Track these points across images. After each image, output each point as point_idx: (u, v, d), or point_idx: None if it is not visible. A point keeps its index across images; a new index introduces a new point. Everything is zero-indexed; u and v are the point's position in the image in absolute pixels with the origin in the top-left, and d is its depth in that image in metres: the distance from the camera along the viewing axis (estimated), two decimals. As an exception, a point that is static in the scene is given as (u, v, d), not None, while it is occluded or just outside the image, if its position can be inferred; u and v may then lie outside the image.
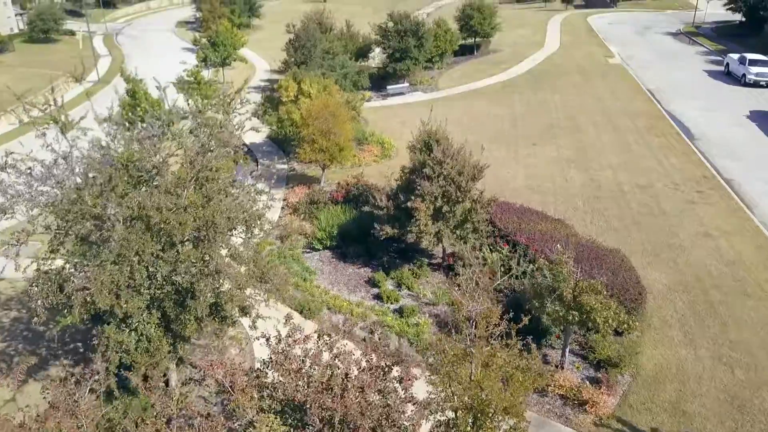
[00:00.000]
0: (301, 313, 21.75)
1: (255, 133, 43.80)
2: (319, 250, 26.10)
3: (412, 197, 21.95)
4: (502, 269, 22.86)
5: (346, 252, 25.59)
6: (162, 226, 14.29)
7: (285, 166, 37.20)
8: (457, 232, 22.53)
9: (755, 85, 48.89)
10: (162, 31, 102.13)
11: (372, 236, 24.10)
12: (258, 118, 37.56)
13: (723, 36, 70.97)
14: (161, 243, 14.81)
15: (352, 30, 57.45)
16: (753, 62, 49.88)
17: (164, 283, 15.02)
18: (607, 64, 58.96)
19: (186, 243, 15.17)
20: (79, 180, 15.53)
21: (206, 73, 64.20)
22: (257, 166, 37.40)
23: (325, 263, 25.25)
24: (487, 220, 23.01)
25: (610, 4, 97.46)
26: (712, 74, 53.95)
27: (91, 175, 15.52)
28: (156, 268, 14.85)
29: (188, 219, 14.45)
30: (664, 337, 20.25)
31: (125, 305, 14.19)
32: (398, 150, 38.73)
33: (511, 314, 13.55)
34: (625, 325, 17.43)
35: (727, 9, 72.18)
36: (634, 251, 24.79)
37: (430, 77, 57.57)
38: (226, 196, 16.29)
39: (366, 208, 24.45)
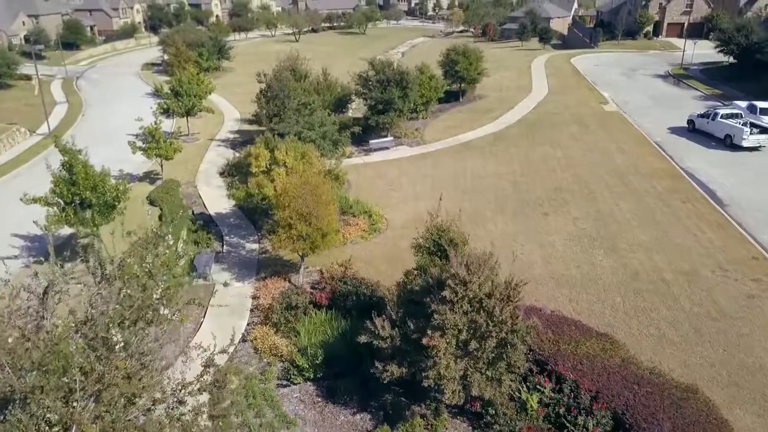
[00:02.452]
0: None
1: (221, 199, 37.72)
2: (298, 383, 19.79)
3: (428, 331, 15.95)
4: (549, 419, 16.92)
5: (335, 387, 19.30)
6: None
7: (255, 246, 30.95)
8: (488, 372, 16.54)
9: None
10: (126, 75, 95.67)
11: (370, 361, 17.98)
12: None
13: (714, 78, 67.31)
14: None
15: (329, 78, 51.87)
16: (765, 111, 45.48)
17: None
18: (602, 111, 54.29)
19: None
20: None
21: (169, 123, 58.13)
22: (222, 246, 31.12)
23: (308, 405, 18.83)
24: (526, 352, 17.06)
25: (590, 45, 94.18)
26: (716, 123, 49.53)
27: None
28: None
29: None
30: None
31: None
32: (388, 222, 32.87)
33: None
34: None
35: (719, 51, 68.69)
36: (706, 379, 19.03)
37: (415, 129, 52.19)
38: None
39: (363, 337, 18.02)
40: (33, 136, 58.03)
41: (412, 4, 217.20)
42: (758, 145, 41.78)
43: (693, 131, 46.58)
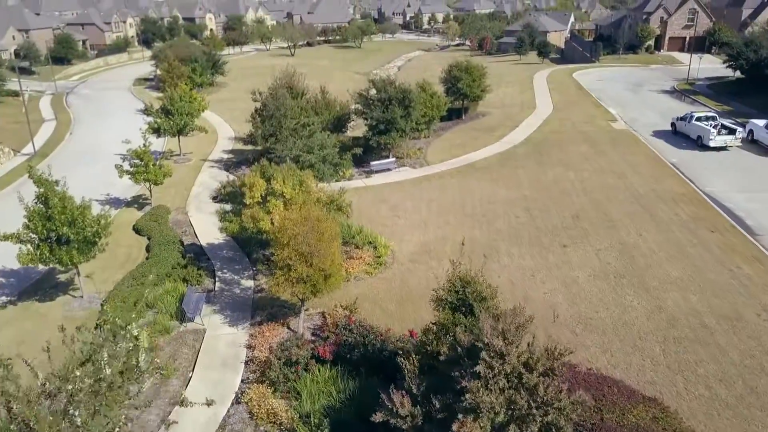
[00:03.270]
0: None
1: (213, 227, 34.95)
2: (302, 460, 17.01)
3: (459, 415, 13.23)
4: None
5: (344, 466, 16.51)
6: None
7: (250, 283, 28.17)
8: (529, 460, 13.82)
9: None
10: (118, 90, 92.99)
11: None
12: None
13: (721, 94, 65.13)
14: None
15: (327, 96, 49.30)
16: (785, 130, 43.36)
17: None
18: (612, 129, 51.89)
19: None
20: None
21: (161, 143, 55.39)
22: (214, 283, 28.32)
23: (313, 489, 16.08)
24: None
25: (591, 59, 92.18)
26: (732, 142, 47.25)
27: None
28: None
29: None
30: None
31: None
32: (395, 255, 30.15)
33: None
34: None
35: (727, 66, 66.61)
36: (775, 453, 16.39)
37: (417, 148, 49.66)
38: None
39: (379, 415, 15.12)
40: (18, 156, 55.22)
41: (407, 18, 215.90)
42: (724, 144, 44.38)
43: (676, 133, 49.06)
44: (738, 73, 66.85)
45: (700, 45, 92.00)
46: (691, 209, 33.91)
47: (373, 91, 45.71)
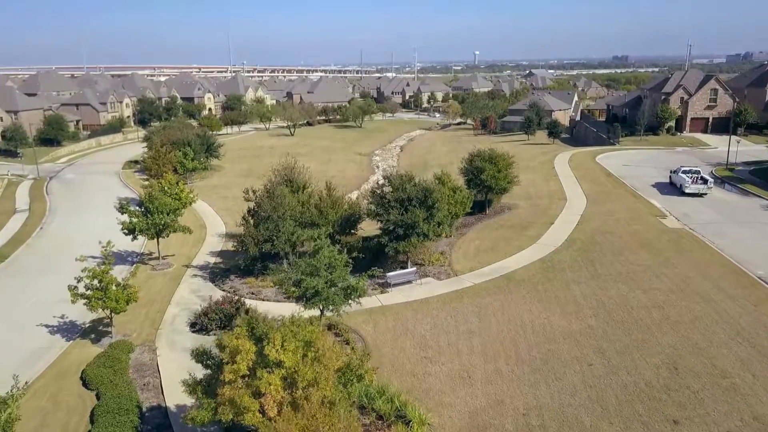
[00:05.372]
0: None
1: (188, 377, 25.53)
2: None
3: None
4: None
5: None
6: None
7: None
8: None
9: None
10: (105, 174, 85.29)
11: None
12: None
13: (768, 181, 57.71)
14: None
15: (334, 194, 41.17)
16: None
17: None
18: (666, 228, 43.70)
19: None
20: None
21: (139, 242, 46.79)
22: (177, 491, 19.05)
23: None
24: None
25: (610, 141, 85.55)
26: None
27: None
28: None
29: None
30: None
31: None
32: (437, 436, 21.03)
33: None
34: None
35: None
36: None
37: (440, 252, 41.27)
38: None
39: None
40: (-28, 257, 46.55)
41: (407, 97, 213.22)
42: (698, 191, 52.76)
43: (671, 184, 57.01)
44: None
45: (723, 126, 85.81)
46: (822, 353, 25.16)
47: (388, 188, 37.78)
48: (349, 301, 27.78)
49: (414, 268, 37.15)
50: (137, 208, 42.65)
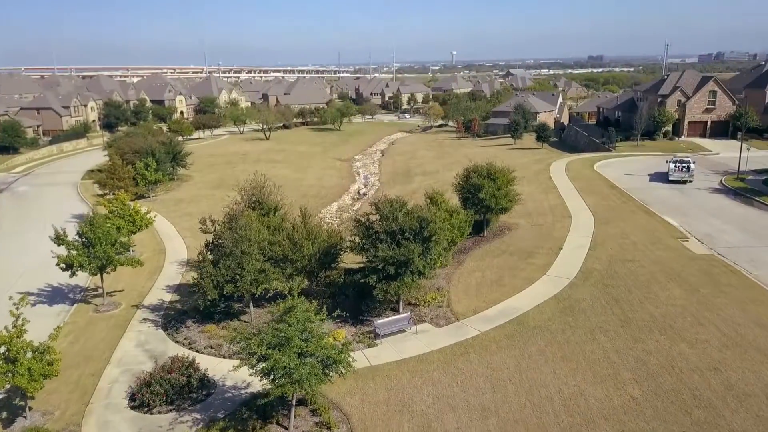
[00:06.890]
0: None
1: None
2: None
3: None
4: None
5: None
6: None
7: None
8: None
9: None
10: (63, 186, 77.24)
11: None
12: None
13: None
14: None
15: (309, 222, 34.31)
16: None
17: None
18: (692, 255, 37.79)
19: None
20: None
21: (83, 278, 39.43)
22: None
23: None
24: None
25: (606, 147, 79.94)
26: None
27: None
28: None
29: None
30: None
31: None
32: None
33: None
34: None
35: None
36: None
37: (436, 288, 34.92)
38: None
39: None
40: None
41: (386, 98, 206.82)
42: (681, 179, 56.50)
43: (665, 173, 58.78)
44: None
45: (722, 130, 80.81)
46: None
47: (375, 217, 31.22)
48: (329, 377, 21.20)
49: (407, 314, 30.64)
50: (76, 238, 35.56)
